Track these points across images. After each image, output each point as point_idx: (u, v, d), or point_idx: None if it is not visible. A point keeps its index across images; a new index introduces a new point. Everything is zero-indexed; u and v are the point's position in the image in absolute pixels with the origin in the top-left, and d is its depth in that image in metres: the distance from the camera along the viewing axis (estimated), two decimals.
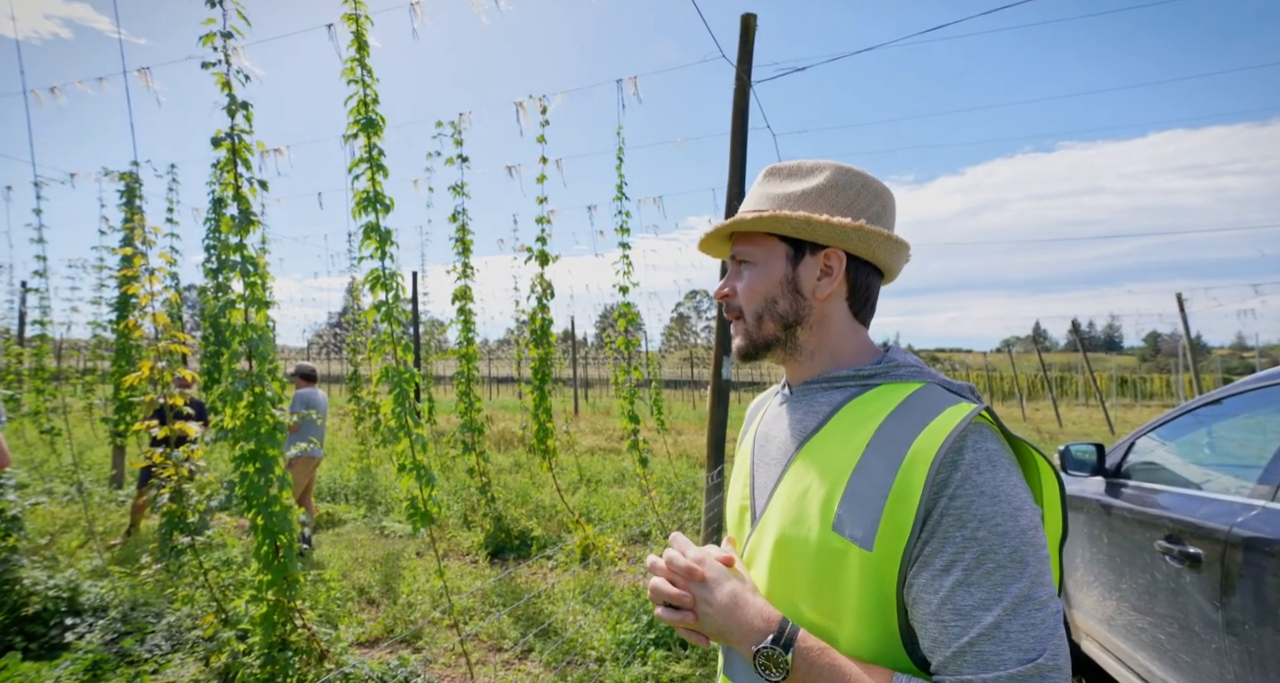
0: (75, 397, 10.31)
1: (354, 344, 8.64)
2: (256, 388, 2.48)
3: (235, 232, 2.47)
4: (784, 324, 0.76)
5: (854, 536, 0.62)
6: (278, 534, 2.56)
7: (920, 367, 0.75)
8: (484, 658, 3.20)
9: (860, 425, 0.68)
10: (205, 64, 2.31)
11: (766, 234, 0.77)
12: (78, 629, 3.04)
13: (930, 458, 0.60)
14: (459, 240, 4.95)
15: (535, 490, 6.27)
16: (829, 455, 0.69)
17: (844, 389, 0.74)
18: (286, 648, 2.64)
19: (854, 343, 0.77)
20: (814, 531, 0.66)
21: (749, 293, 0.77)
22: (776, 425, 0.80)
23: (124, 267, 6.17)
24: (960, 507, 0.59)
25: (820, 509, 0.66)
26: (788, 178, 0.79)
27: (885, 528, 0.61)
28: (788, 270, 0.76)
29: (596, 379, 27.15)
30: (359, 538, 5.08)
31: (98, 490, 6.15)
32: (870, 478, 0.63)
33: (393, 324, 2.67)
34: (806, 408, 0.76)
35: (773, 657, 0.62)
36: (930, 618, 0.59)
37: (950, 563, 0.58)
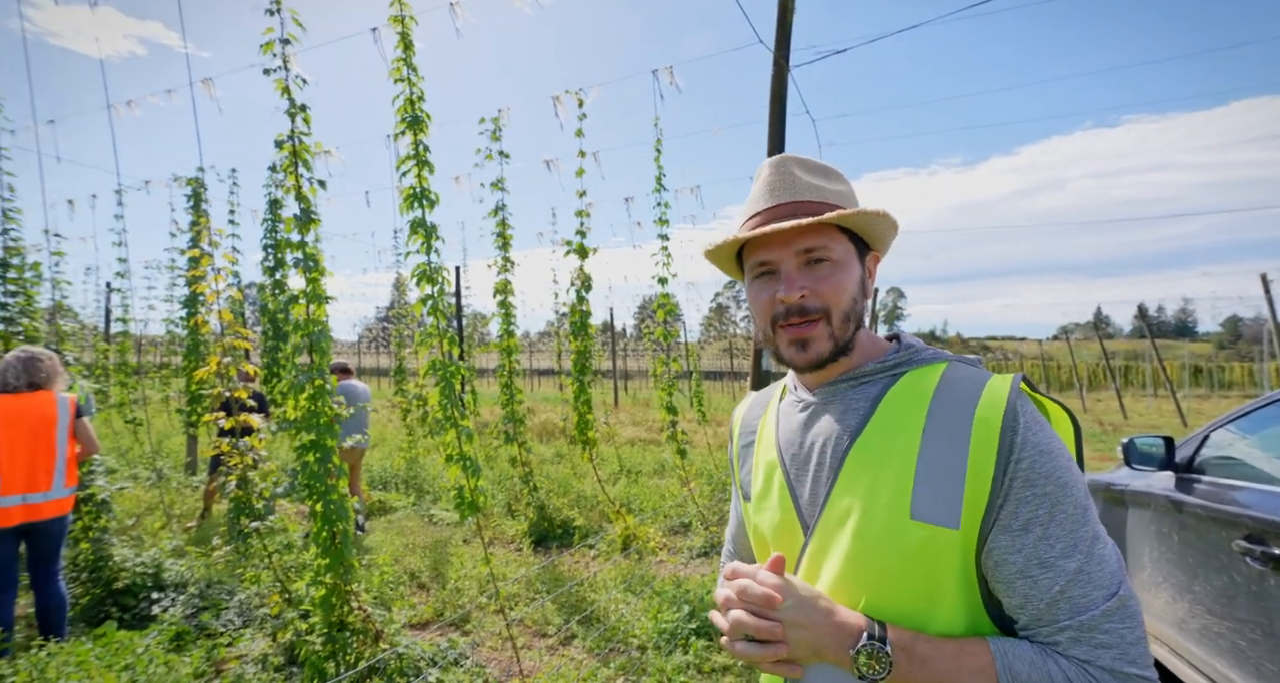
0: (154, 389, 11.07)
1: (400, 338, 8.94)
2: (318, 381, 2.60)
3: (297, 230, 2.58)
4: (857, 325, 0.75)
5: (937, 518, 0.64)
6: (335, 521, 2.69)
7: (936, 350, 0.77)
8: (529, 643, 3.29)
9: (908, 412, 0.69)
10: (266, 70, 2.42)
11: (840, 230, 0.74)
12: (162, 603, 3.29)
13: (998, 426, 0.63)
14: (499, 235, 5.04)
15: (576, 481, 6.37)
16: (886, 447, 0.69)
17: (874, 382, 0.74)
18: (344, 628, 2.78)
19: (873, 336, 0.80)
20: (892, 523, 0.66)
21: (838, 291, 0.72)
22: (808, 431, 0.77)
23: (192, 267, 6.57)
24: (1026, 467, 0.62)
25: (893, 501, 0.66)
26: (819, 174, 0.78)
27: (969, 503, 0.63)
28: (861, 271, 0.76)
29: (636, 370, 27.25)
30: (409, 525, 5.29)
31: (175, 476, 6.60)
32: (940, 458, 0.65)
33: (439, 318, 2.75)
34: (842, 407, 0.75)
35: (874, 653, 0.62)
36: (1018, 576, 0.62)
37: (1028, 521, 0.62)
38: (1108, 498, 2.65)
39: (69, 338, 3.85)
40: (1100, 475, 2.80)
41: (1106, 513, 2.64)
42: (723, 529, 4.94)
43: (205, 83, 3.48)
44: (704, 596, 3.37)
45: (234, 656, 2.84)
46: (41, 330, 4.07)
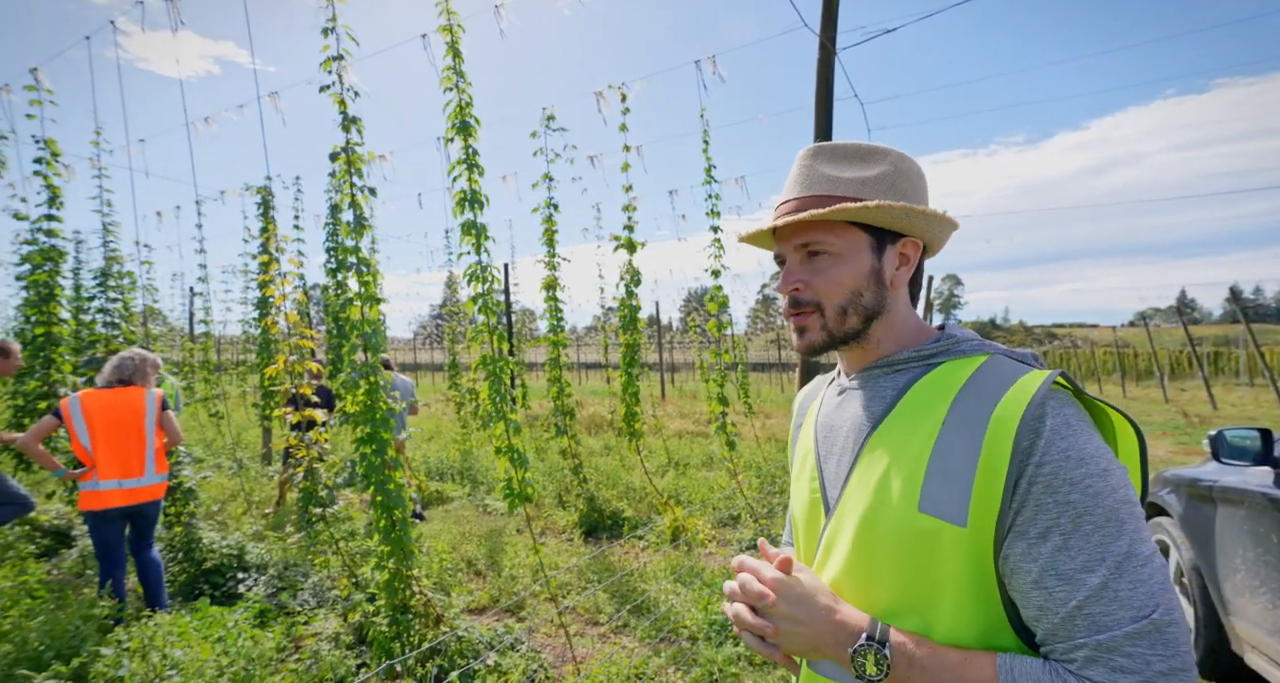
0: (232, 385, 11.91)
1: (453, 334, 9.25)
2: (372, 377, 2.73)
3: (352, 235, 2.72)
4: (866, 317, 0.74)
5: (945, 513, 0.62)
6: (393, 509, 2.83)
7: (981, 340, 0.74)
8: (581, 630, 3.36)
9: (932, 404, 0.68)
10: (323, 87, 2.55)
11: (848, 223, 0.73)
12: (246, 583, 3.55)
13: (1013, 426, 0.60)
14: (545, 231, 5.12)
15: (625, 473, 6.44)
16: (904, 437, 0.68)
17: (907, 371, 0.74)
18: (408, 611, 2.92)
19: (913, 324, 0.78)
20: (899, 513, 0.65)
21: (831, 286, 0.74)
22: (840, 415, 0.79)
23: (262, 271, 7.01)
24: (1049, 473, 0.59)
25: (903, 491, 0.65)
26: (846, 161, 0.76)
27: (977, 502, 0.61)
28: (873, 262, 0.74)
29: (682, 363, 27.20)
30: (465, 515, 5.49)
31: (252, 466, 7.09)
32: (954, 454, 0.63)
33: (489, 315, 2.83)
34: (871, 394, 0.75)
35: (870, 655, 0.62)
36: (1032, 587, 0.59)
37: (1046, 529, 0.58)
38: (1193, 495, 2.46)
39: (159, 339, 4.19)
40: (1184, 471, 2.60)
41: (1191, 511, 2.46)
42: (773, 523, 4.90)
43: (272, 96, 3.70)
44: None
45: (310, 633, 3.04)
46: (137, 333, 4.45)
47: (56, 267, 4.70)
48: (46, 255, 4.64)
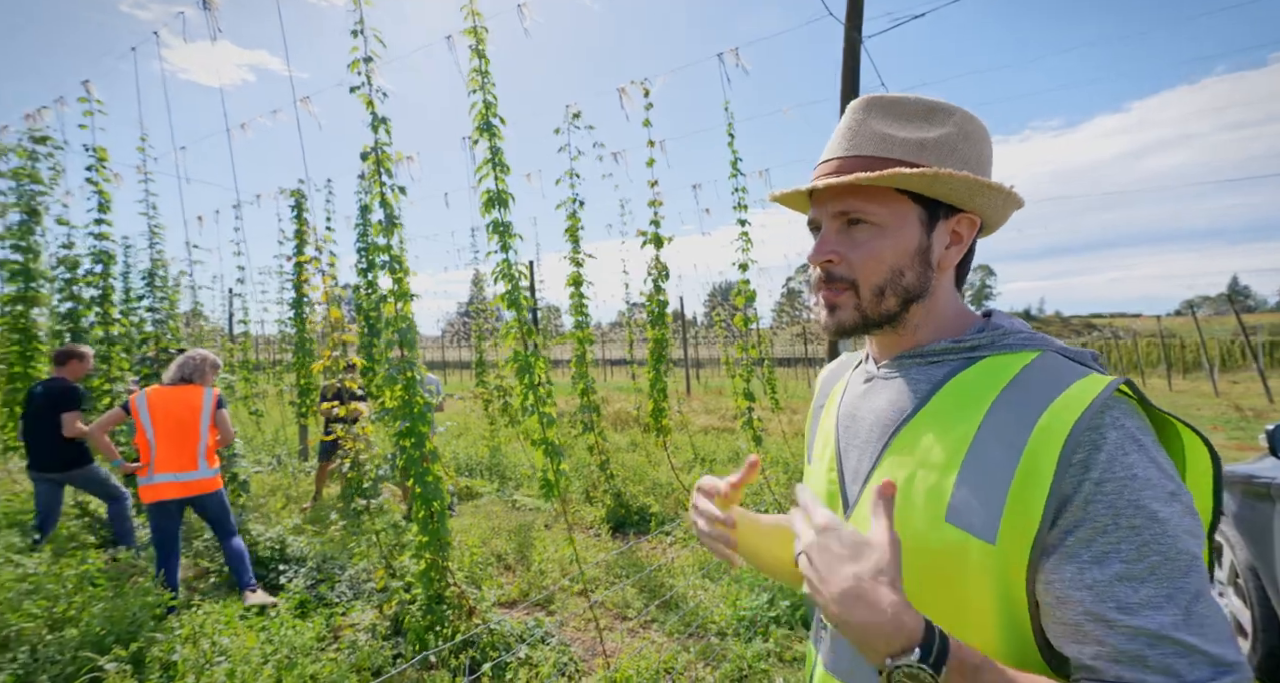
0: (269, 383, 12.30)
1: (479, 332, 9.38)
2: (408, 373, 2.79)
3: (383, 234, 2.77)
4: (905, 300, 0.66)
5: (973, 526, 0.56)
6: (431, 501, 2.89)
7: (1032, 333, 0.65)
8: (610, 624, 3.39)
9: (969, 403, 0.61)
10: (352, 88, 2.60)
11: (896, 191, 0.64)
12: (287, 574, 3.68)
13: (1062, 436, 0.53)
14: (570, 228, 5.15)
15: (651, 468, 6.45)
16: (935, 438, 0.61)
17: (944, 363, 0.66)
18: (442, 601, 2.99)
19: (955, 310, 0.69)
20: (924, 523, 0.59)
21: (871, 262, 0.65)
22: (864, 404, 0.71)
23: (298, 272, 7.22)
24: (1111, 492, 0.52)
25: (929, 498, 0.59)
26: (905, 118, 0.66)
27: (1010, 517, 0.54)
28: (921, 238, 0.65)
29: (706, 359, 27.10)
30: (494, 509, 5.57)
31: (290, 462, 7.32)
32: (988, 462, 0.56)
33: (519, 311, 2.87)
34: (901, 385, 0.68)
35: (918, 678, 0.48)
36: (1088, 619, 0.51)
37: (1104, 554, 0.52)
38: (1249, 492, 2.36)
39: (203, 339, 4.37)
40: (1238, 466, 2.49)
41: (1247, 508, 2.35)
42: None
43: (304, 101, 3.80)
44: (784, 584, 3.33)
45: (348, 624, 3.13)
46: (182, 332, 4.63)
47: (108, 269, 4.93)
48: (99, 259, 4.87)
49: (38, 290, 4.94)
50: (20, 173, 4.80)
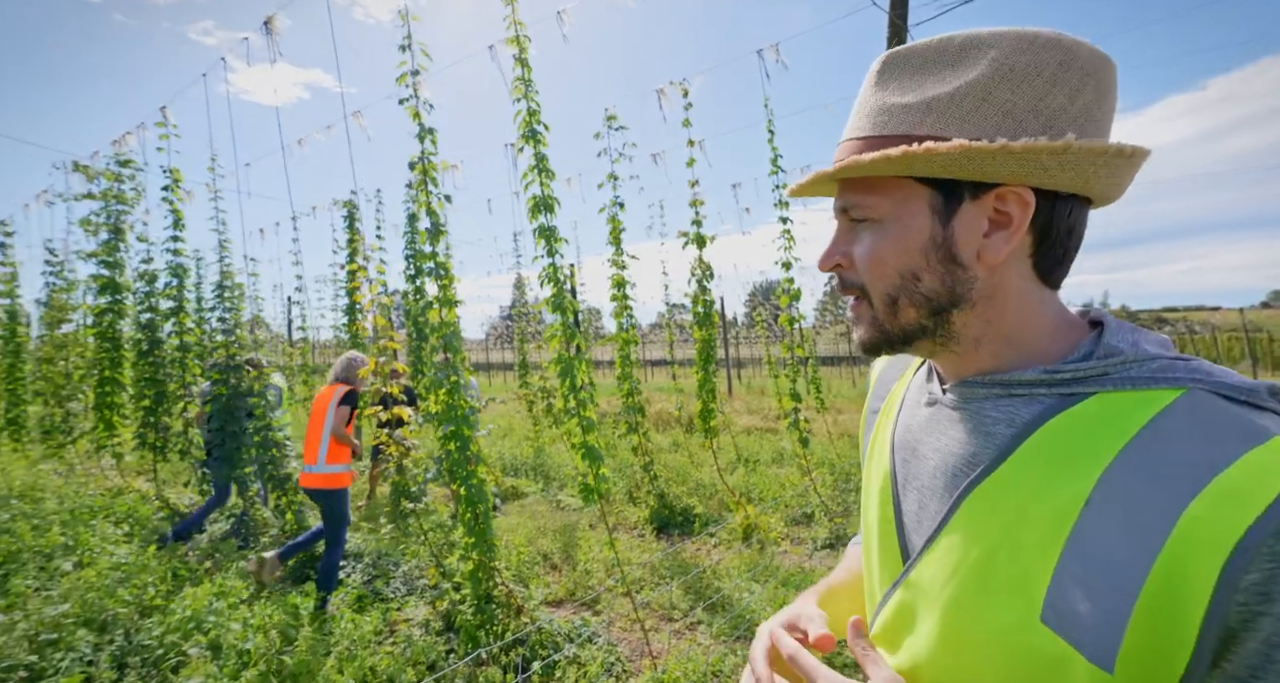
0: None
1: (522, 334, 9.56)
2: (453, 377, 2.87)
3: (429, 241, 2.86)
4: (933, 309, 0.51)
5: (1079, 640, 0.40)
6: (476, 503, 2.96)
7: (1172, 359, 0.46)
8: (656, 625, 3.38)
9: (1070, 464, 0.44)
10: (401, 100, 2.71)
11: (896, 176, 0.50)
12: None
13: (1229, 544, 0.36)
14: (612, 231, 5.18)
15: (694, 469, 6.42)
16: (1024, 506, 0.45)
17: (1032, 399, 0.48)
18: (491, 601, 3.05)
19: (1043, 321, 0.51)
20: (1009, 620, 0.43)
21: (873, 265, 0.52)
22: (929, 438, 0.56)
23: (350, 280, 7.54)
24: None
25: (1016, 586, 0.43)
26: (923, 73, 0.50)
27: (1136, 642, 0.38)
28: (934, 230, 0.49)
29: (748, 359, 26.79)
30: (539, 509, 5.66)
31: None
32: (1103, 556, 0.40)
33: (564, 314, 2.91)
34: (974, 425, 0.51)
35: None
36: None
37: None
38: None
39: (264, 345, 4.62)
40: None
41: None
42: (848, 522, 4.72)
43: (355, 115, 3.97)
44: None
45: (402, 619, 3.25)
46: (247, 339, 4.91)
47: (183, 282, 5.29)
48: (174, 272, 5.23)
49: (123, 302, 5.34)
50: (108, 194, 5.20)
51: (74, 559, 3.21)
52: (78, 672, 2.22)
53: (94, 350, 5.48)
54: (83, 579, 2.82)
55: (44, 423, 6.49)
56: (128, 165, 5.28)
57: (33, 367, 7.07)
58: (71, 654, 2.31)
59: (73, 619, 2.52)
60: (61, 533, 3.52)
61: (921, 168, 0.47)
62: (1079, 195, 0.48)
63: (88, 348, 5.87)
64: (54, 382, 6.39)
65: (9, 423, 7.09)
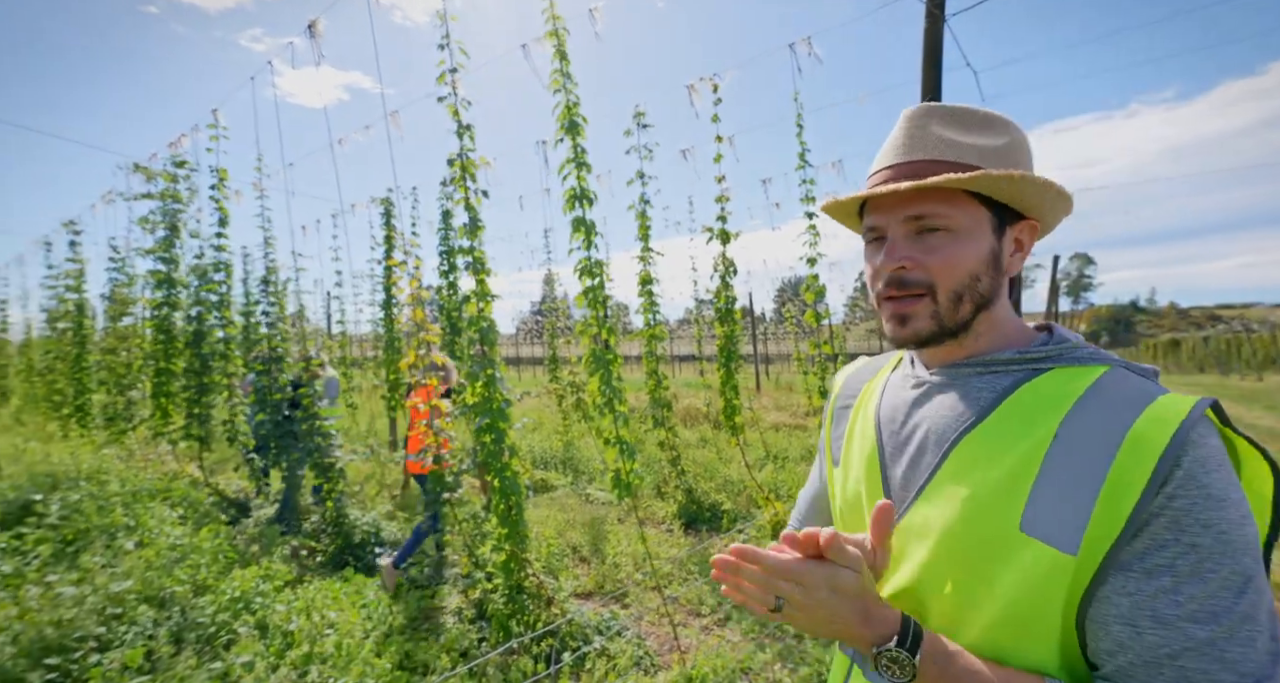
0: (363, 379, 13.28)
1: (552, 329, 9.65)
2: (489, 370, 2.92)
3: (467, 236, 2.92)
4: (978, 306, 0.66)
5: (1051, 537, 0.55)
6: (510, 495, 3.02)
7: (1097, 349, 0.65)
8: (684, 620, 3.40)
9: (1041, 413, 0.60)
10: (440, 98, 2.76)
11: (969, 195, 0.64)
12: (382, 558, 3.97)
13: (1159, 447, 0.53)
14: (640, 227, 5.19)
15: (722, 465, 6.40)
16: (1004, 447, 0.60)
17: (1009, 374, 0.65)
18: (522, 591, 3.11)
19: (1016, 322, 0.70)
20: (995, 532, 0.58)
21: (949, 267, 0.64)
22: (917, 412, 0.70)
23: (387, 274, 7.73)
24: (1180, 508, 0.52)
25: (1001, 508, 0.58)
26: (965, 126, 0.66)
27: (1095, 529, 0.53)
28: (994, 243, 0.65)
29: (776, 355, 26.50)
30: (569, 502, 5.73)
31: (382, 452, 7.88)
32: (1069, 472, 0.55)
33: (598, 308, 2.93)
34: (961, 394, 0.66)
35: (897, 659, 0.57)
36: (1118, 621, 0.53)
37: (1157, 568, 0.52)
38: None
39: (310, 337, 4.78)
40: None
41: None
42: None
43: (393, 115, 4.06)
44: None
45: (436, 606, 3.34)
46: (290, 332, 5.09)
47: (228, 277, 5.51)
48: (219, 267, 5.45)
49: (177, 296, 5.60)
50: (165, 194, 5.46)
51: (135, 539, 3.40)
52: (140, 645, 2.36)
53: (151, 342, 5.77)
54: (143, 558, 2.98)
55: (107, 410, 6.88)
56: (183, 166, 5.53)
57: (97, 357, 7.48)
58: (134, 628, 2.46)
59: (135, 595, 2.67)
60: (124, 514, 3.73)
61: (1004, 187, 0.63)
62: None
63: (146, 340, 6.18)
64: (116, 371, 6.75)
65: (76, 410, 7.53)
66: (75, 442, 6.75)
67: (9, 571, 2.81)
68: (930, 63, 4.45)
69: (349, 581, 3.32)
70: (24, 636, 2.30)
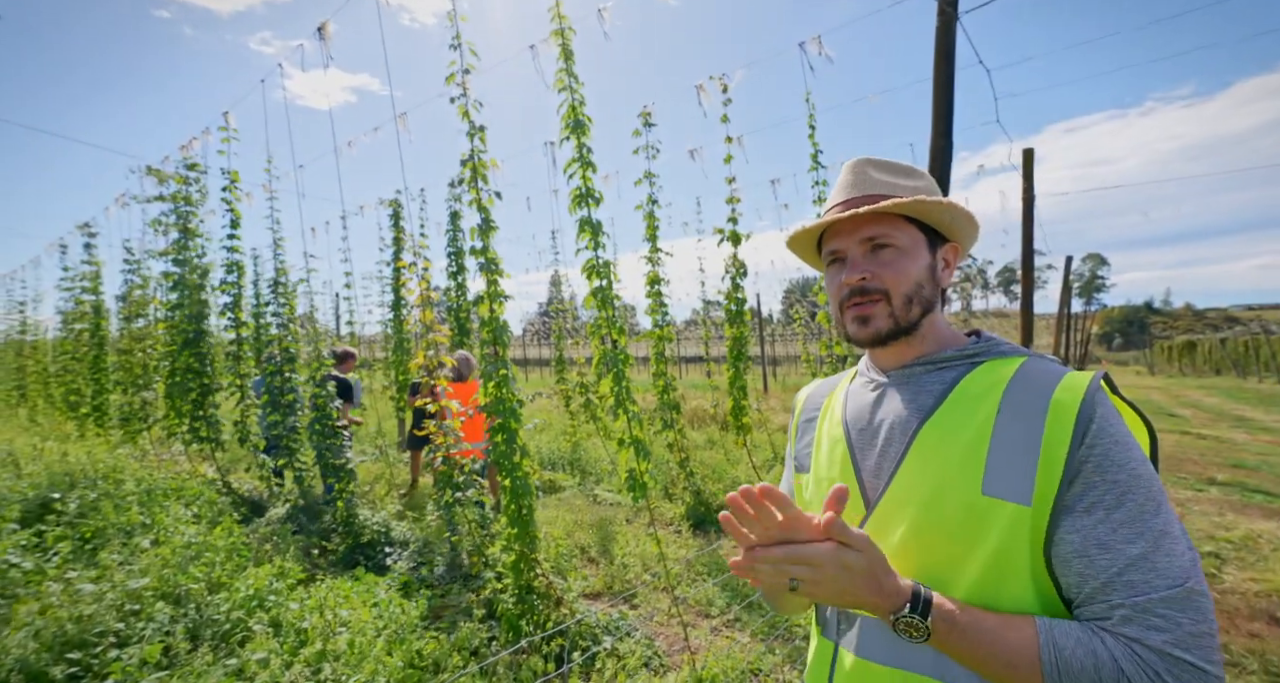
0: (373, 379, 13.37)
1: (559, 331, 9.67)
2: (502, 370, 2.93)
3: (479, 237, 2.93)
4: (924, 309, 0.80)
5: (1010, 494, 0.67)
6: (522, 496, 3.03)
7: (1014, 344, 0.80)
8: (693, 621, 3.39)
9: (984, 396, 0.73)
10: (452, 99, 2.78)
11: (907, 221, 0.81)
12: (392, 557, 3.99)
13: (1075, 408, 0.67)
14: (648, 227, 5.20)
15: (730, 467, 6.39)
16: (958, 427, 0.73)
17: (952, 368, 0.79)
18: (531, 591, 3.12)
19: (950, 327, 0.85)
20: (962, 497, 0.69)
21: (900, 275, 0.79)
22: (879, 409, 0.82)
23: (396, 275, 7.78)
24: (1099, 454, 0.65)
25: (964, 476, 0.69)
26: (895, 172, 0.84)
27: (1041, 480, 0.66)
28: (930, 259, 0.82)
29: (784, 357, 26.42)
30: (576, 503, 5.74)
31: (390, 452, 7.92)
32: (1014, 438, 0.68)
33: (607, 309, 2.93)
34: (915, 389, 0.80)
35: (912, 623, 0.66)
36: (1074, 555, 0.64)
37: (1092, 504, 0.64)
38: None
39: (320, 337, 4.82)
40: None
41: None
42: None
43: (401, 118, 4.10)
44: None
45: (446, 606, 3.35)
46: (300, 333, 5.13)
47: (240, 278, 5.56)
48: (230, 269, 5.51)
49: (188, 297, 5.66)
50: (177, 196, 5.52)
51: (151, 537, 3.44)
52: (158, 641, 2.38)
53: (164, 343, 5.83)
54: (159, 556, 3.02)
55: (122, 410, 6.96)
56: (194, 168, 5.59)
57: (114, 358, 7.57)
58: (152, 624, 2.48)
59: (152, 592, 2.70)
60: (140, 512, 3.77)
61: (934, 211, 0.80)
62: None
63: (160, 341, 6.24)
64: (132, 372, 6.83)
65: (94, 410, 7.62)
66: (92, 441, 6.84)
67: (30, 567, 2.85)
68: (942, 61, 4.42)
69: (360, 579, 3.34)
70: (46, 631, 2.33)
